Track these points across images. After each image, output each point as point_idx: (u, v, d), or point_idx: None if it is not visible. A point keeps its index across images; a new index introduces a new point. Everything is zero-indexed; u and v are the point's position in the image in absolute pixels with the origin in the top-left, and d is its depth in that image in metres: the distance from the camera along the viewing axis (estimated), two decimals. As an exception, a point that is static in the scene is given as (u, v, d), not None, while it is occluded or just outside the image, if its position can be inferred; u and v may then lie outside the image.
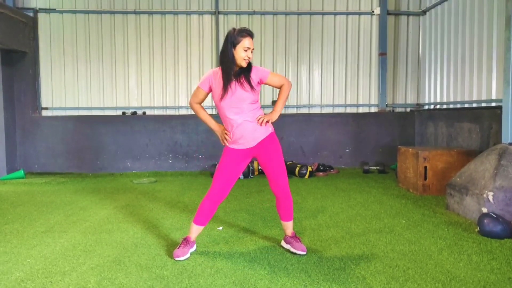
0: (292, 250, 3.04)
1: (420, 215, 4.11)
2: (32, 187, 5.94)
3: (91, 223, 3.93)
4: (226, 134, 2.93)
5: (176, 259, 2.92)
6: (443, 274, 2.63)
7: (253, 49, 2.81)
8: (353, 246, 3.20)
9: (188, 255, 2.97)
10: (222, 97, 2.83)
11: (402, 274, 2.65)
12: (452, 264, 2.81)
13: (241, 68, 2.84)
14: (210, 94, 3.00)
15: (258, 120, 2.88)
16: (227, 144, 2.97)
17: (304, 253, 3.00)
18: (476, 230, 3.52)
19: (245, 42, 2.76)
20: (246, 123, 2.86)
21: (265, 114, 2.97)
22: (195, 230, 3.04)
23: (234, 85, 2.83)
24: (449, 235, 3.45)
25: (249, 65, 2.87)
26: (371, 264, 2.82)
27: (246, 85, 2.82)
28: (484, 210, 3.70)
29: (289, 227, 3.15)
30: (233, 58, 2.77)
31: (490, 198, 3.69)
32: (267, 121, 2.91)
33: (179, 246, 3.00)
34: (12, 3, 7.04)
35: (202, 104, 3.06)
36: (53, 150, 7.24)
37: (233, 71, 2.81)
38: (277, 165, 2.97)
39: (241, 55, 2.76)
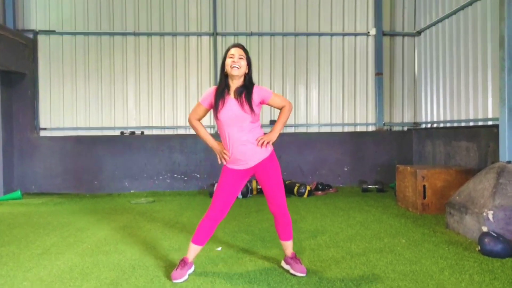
0: (292, 271, 3.01)
1: (420, 234, 4.09)
2: (29, 208, 5.88)
3: (88, 245, 3.88)
4: (225, 153, 2.94)
5: (174, 281, 2.88)
6: (445, 295, 2.60)
7: (240, 56, 2.88)
8: (353, 267, 3.17)
9: (186, 277, 2.94)
10: (219, 110, 2.87)
11: (404, 295, 2.61)
12: (454, 284, 2.78)
13: (243, 86, 2.89)
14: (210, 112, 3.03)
15: (258, 141, 2.91)
16: (225, 163, 2.98)
17: (304, 274, 2.97)
18: (477, 249, 3.50)
19: (231, 51, 2.93)
20: (246, 144, 2.89)
21: (264, 133, 2.98)
22: (193, 250, 3.01)
23: (234, 103, 2.87)
24: (450, 255, 3.42)
25: (251, 85, 2.92)
26: (372, 285, 2.78)
27: (246, 106, 2.85)
28: (484, 229, 3.68)
29: (288, 247, 3.12)
30: (224, 67, 2.94)
31: (490, 217, 3.68)
32: (267, 143, 2.93)
33: (177, 268, 2.96)
34: (12, 25, 7.13)
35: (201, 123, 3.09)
36: (51, 171, 7.21)
37: (228, 84, 2.91)
38: (275, 184, 2.98)
39: (228, 62, 2.90)
